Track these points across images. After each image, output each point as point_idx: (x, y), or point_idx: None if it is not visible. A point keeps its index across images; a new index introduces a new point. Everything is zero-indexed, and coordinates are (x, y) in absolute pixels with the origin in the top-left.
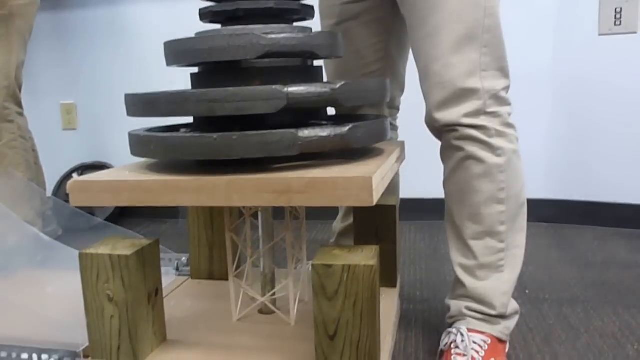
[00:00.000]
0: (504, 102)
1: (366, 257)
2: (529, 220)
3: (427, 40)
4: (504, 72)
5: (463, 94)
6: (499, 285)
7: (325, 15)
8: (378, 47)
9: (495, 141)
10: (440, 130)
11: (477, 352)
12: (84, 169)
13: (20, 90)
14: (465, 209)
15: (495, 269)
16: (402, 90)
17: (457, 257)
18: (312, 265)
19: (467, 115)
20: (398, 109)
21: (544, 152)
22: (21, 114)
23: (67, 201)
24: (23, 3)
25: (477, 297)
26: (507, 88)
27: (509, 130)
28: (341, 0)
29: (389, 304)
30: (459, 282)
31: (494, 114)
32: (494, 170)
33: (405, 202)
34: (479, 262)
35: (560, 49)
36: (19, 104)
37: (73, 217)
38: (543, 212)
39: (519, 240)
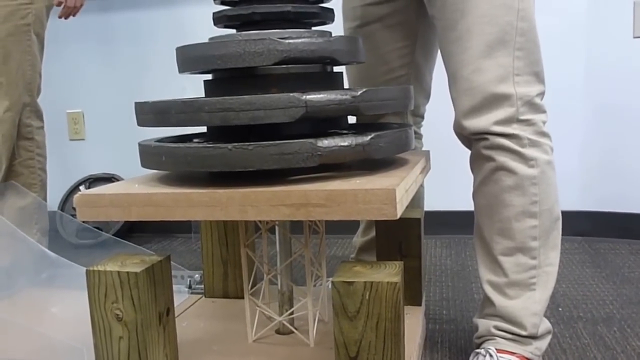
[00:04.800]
0: (539, 109)
1: (389, 273)
2: (562, 233)
3: (456, 43)
4: (538, 77)
5: (494, 100)
6: (529, 305)
7: (347, 17)
8: (403, 52)
9: (528, 151)
10: (469, 138)
11: None
12: (91, 181)
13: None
14: (495, 223)
15: (527, 287)
16: (427, 97)
17: (485, 274)
18: (332, 282)
19: (498, 122)
20: (423, 117)
21: (578, 162)
22: (42, 128)
23: (74, 215)
24: (40, 6)
25: (506, 317)
26: (542, 94)
27: (543, 140)
28: (364, 1)
29: (413, 323)
30: (487, 300)
31: (527, 122)
32: (525, 182)
33: (430, 215)
34: (509, 280)
35: (593, 53)
36: (40, 118)
37: (80, 232)
38: (577, 225)
39: (552, 257)
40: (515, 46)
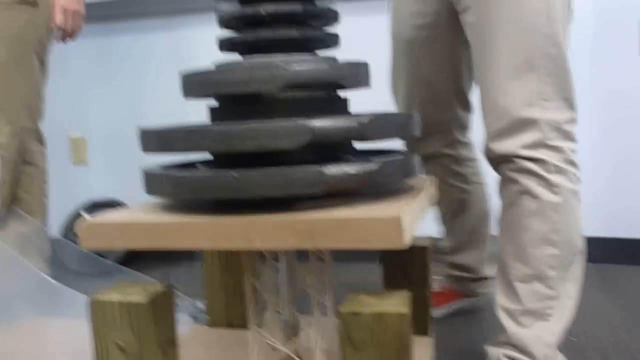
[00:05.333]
0: (568, 136)
1: (397, 303)
2: None
3: (484, 65)
4: (568, 103)
5: (520, 124)
6: (542, 334)
7: (395, 36)
8: (446, 76)
9: (554, 177)
10: (496, 161)
11: None
12: (93, 206)
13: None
14: (513, 247)
15: (541, 317)
16: (471, 111)
17: (501, 300)
18: (338, 312)
19: (525, 146)
20: (467, 127)
21: (585, 186)
22: (43, 153)
23: (75, 241)
24: (42, 30)
25: (517, 345)
26: (572, 121)
27: (570, 168)
28: (412, 22)
29: (422, 354)
30: (501, 327)
31: (555, 149)
32: (547, 208)
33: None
34: (523, 308)
35: (598, 70)
36: (42, 143)
37: (82, 259)
38: (587, 251)
39: (570, 290)
40: (544, 71)
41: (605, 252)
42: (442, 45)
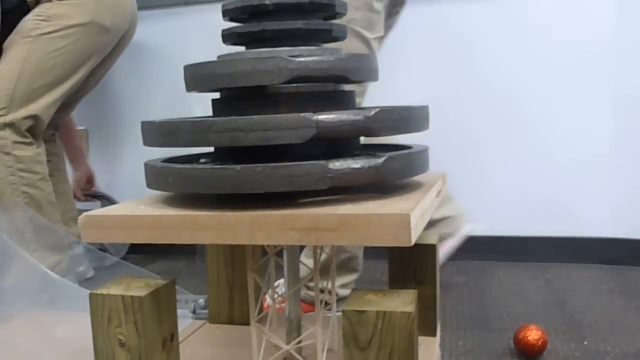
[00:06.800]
0: None
1: (403, 302)
2: (589, 261)
3: None
4: None
5: None
6: None
7: None
8: None
9: None
10: None
11: None
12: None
13: (40, 123)
14: None
15: None
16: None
17: None
18: (343, 310)
19: None
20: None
21: (608, 187)
22: (24, 143)
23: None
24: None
25: None
26: None
27: None
28: None
29: (428, 355)
30: None
31: None
32: None
33: None
34: None
35: (622, 72)
36: (18, 132)
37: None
38: (604, 252)
39: None
40: None
41: (625, 253)
42: None
